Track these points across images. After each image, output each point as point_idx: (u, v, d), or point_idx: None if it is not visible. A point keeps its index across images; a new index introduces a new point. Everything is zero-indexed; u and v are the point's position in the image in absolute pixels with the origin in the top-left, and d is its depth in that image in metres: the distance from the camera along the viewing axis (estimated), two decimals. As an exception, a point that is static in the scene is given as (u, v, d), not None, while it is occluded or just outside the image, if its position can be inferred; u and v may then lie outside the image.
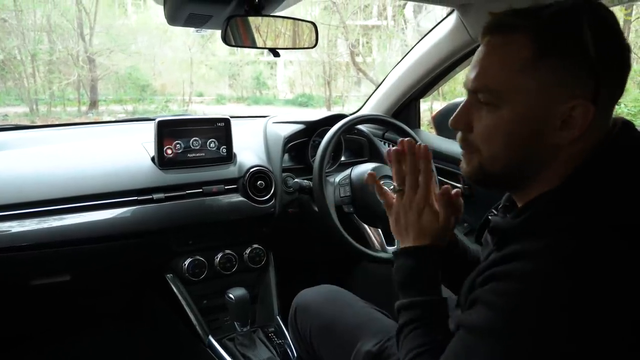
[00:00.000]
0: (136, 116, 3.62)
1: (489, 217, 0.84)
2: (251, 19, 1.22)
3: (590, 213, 0.63)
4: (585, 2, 0.65)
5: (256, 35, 1.24)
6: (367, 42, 10.56)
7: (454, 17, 1.50)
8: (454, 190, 0.90)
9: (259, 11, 1.22)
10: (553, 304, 0.59)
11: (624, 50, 0.66)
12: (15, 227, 1.22)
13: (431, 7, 9.21)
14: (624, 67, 0.66)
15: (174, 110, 9.32)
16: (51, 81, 8.88)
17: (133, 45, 9.53)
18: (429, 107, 5.52)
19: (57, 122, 5.56)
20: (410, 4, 9.21)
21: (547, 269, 0.61)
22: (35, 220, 1.24)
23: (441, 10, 9.15)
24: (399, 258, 0.87)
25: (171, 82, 10.30)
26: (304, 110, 9.50)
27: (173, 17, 1.27)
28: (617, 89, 0.67)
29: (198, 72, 10.55)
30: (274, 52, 1.28)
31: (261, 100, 10.90)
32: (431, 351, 0.76)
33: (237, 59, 11.18)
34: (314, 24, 1.31)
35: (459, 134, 0.76)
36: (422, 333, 0.79)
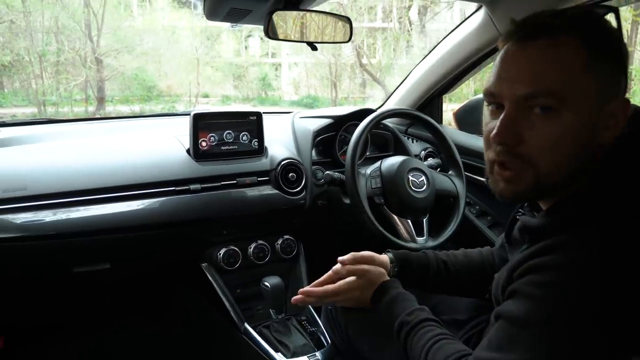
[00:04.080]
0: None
1: (517, 216, 0.87)
2: (290, 13, 1.26)
3: (618, 206, 0.68)
4: (614, 10, 0.74)
5: (295, 30, 1.28)
6: (373, 44, 10.60)
7: (481, 13, 1.54)
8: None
9: (296, 6, 1.26)
10: (587, 294, 0.64)
11: (627, 55, 0.71)
12: (58, 215, 1.26)
13: (438, 9, 9.28)
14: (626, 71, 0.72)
15: (186, 110, 9.33)
16: (59, 82, 8.92)
17: (139, 47, 9.57)
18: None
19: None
20: (415, 6, 9.25)
21: (579, 260, 0.65)
22: (76, 209, 1.28)
23: (447, 12, 9.22)
24: (376, 304, 1.04)
25: (177, 83, 10.34)
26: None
27: (213, 12, 1.30)
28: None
29: (204, 73, 10.59)
30: (312, 45, 1.31)
31: (267, 101, 10.94)
32: (444, 340, 0.86)
33: (242, 60, 11.24)
34: (348, 19, 1.34)
35: (497, 149, 0.71)
36: (427, 330, 0.90)
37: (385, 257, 1.14)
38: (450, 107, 2.30)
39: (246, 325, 1.42)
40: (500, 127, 0.69)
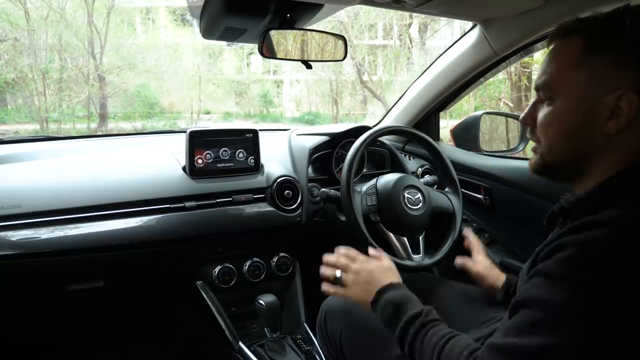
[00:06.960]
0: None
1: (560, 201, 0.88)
2: (285, 32, 1.27)
3: None
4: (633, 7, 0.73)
5: (290, 48, 1.29)
6: (374, 61, 10.70)
7: (476, 31, 1.55)
8: None
9: (291, 25, 1.27)
10: (624, 273, 0.62)
11: None
12: (54, 232, 1.26)
13: (438, 26, 9.37)
14: None
15: (183, 128, 9.40)
16: (61, 99, 8.99)
17: (142, 64, 9.67)
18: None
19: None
20: (415, 24, 9.34)
21: (616, 237, 0.64)
22: (71, 226, 1.28)
23: (447, 30, 9.31)
24: (379, 303, 0.96)
25: (179, 99, 10.43)
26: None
27: (209, 31, 1.32)
28: None
29: (206, 90, 10.69)
30: (307, 64, 1.32)
31: (268, 118, 11.01)
32: (454, 337, 0.81)
33: (244, 77, 11.35)
34: (343, 37, 1.35)
35: (527, 130, 0.87)
36: (435, 332, 0.84)
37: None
38: (450, 123, 2.30)
39: (241, 344, 1.41)
40: (525, 112, 0.85)
